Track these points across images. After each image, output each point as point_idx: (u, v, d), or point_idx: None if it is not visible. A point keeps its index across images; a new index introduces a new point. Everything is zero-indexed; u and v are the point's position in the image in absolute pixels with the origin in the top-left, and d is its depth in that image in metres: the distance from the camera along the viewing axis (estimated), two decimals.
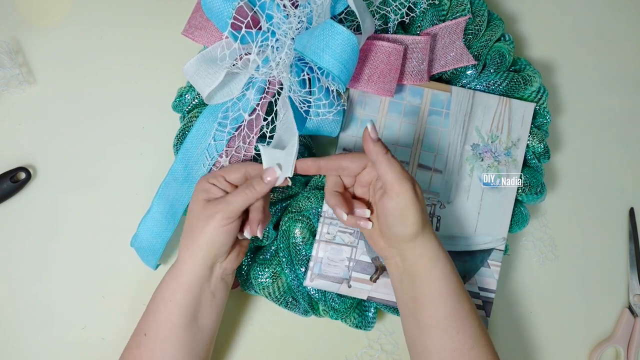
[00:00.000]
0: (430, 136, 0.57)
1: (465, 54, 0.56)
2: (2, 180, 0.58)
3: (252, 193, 0.48)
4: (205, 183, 0.49)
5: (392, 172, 0.45)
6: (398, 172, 0.45)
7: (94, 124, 0.62)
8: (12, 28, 0.63)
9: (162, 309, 0.48)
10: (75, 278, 0.59)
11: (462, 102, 0.57)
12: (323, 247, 0.55)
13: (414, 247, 0.46)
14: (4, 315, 0.58)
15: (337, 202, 0.48)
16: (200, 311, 0.49)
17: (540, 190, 0.58)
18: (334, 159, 0.49)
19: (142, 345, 0.49)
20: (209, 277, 0.49)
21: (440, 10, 0.57)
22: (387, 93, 0.54)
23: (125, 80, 0.63)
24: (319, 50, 0.46)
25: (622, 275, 0.64)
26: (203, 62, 0.50)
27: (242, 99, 0.53)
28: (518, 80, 0.57)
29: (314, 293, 0.55)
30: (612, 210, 0.65)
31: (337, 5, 0.51)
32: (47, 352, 0.58)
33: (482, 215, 0.56)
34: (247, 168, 0.50)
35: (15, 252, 0.59)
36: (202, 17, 0.54)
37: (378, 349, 0.60)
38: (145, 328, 0.49)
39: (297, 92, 0.50)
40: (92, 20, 0.64)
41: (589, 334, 0.63)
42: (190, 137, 0.54)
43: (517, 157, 0.57)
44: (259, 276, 0.55)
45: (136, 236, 0.55)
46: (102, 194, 0.61)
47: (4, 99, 0.62)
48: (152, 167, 0.60)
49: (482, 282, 0.56)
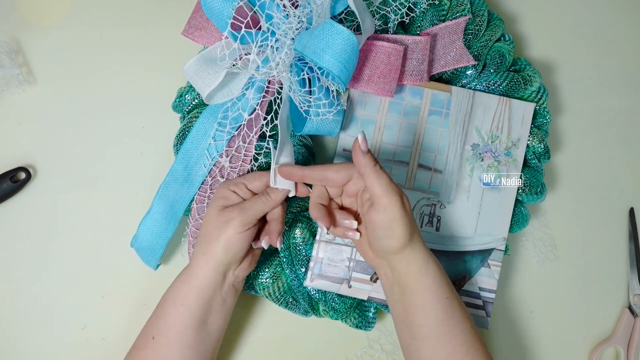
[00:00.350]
0: (430, 136, 0.57)
1: (465, 54, 0.56)
2: (2, 180, 0.58)
3: (268, 201, 0.48)
4: (225, 190, 0.49)
5: (380, 184, 0.44)
6: (386, 185, 0.44)
7: (94, 124, 0.62)
8: (12, 28, 0.63)
9: (172, 313, 0.48)
10: (75, 278, 0.59)
11: (462, 102, 0.57)
12: (323, 248, 0.55)
13: (402, 258, 0.46)
14: (4, 315, 0.58)
15: (319, 215, 0.48)
16: (210, 316, 0.49)
17: (540, 190, 0.58)
18: (318, 169, 0.48)
19: (149, 347, 0.49)
20: (221, 283, 0.49)
21: (440, 10, 0.57)
22: (387, 93, 0.54)
23: (125, 80, 0.63)
24: (319, 50, 0.46)
25: (622, 275, 0.64)
26: (203, 62, 0.50)
27: (242, 98, 0.53)
28: (518, 80, 0.57)
29: (314, 293, 0.55)
30: (612, 210, 0.65)
31: (337, 5, 0.51)
32: (47, 352, 0.58)
33: (482, 215, 0.56)
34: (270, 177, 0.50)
35: (15, 252, 0.59)
36: (202, 17, 0.54)
37: (378, 349, 0.60)
38: (154, 331, 0.49)
39: (297, 91, 0.50)
40: (92, 20, 0.64)
41: (589, 334, 0.63)
42: (191, 137, 0.54)
43: (517, 157, 0.57)
44: (259, 276, 0.55)
45: (136, 236, 0.55)
46: (102, 194, 0.61)
47: (4, 99, 0.62)
48: (152, 167, 0.60)
49: (482, 282, 0.56)
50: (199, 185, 0.55)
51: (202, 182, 0.55)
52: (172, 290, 0.50)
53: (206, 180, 0.55)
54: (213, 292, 0.48)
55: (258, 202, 0.48)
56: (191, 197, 0.55)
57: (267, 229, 0.51)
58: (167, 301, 0.49)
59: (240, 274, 0.50)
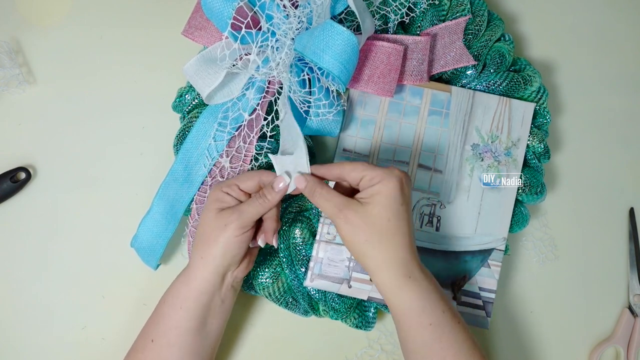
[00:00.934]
0: (430, 136, 0.57)
1: (465, 54, 0.56)
2: (2, 180, 0.58)
3: (264, 202, 0.48)
4: (218, 192, 0.49)
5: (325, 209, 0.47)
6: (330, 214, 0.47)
7: (94, 124, 0.62)
8: (12, 28, 0.63)
9: (172, 315, 0.48)
10: (75, 278, 0.59)
11: (462, 102, 0.57)
12: (323, 247, 0.55)
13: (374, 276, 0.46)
14: (4, 315, 0.58)
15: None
16: (210, 317, 0.49)
17: (540, 190, 0.58)
18: (336, 167, 0.48)
19: (147, 349, 0.49)
20: (220, 285, 0.49)
21: (440, 10, 0.57)
22: (387, 93, 0.54)
23: (125, 80, 0.63)
24: (319, 51, 0.46)
25: (622, 275, 0.64)
26: (203, 62, 0.50)
27: (242, 99, 0.53)
28: (518, 80, 0.57)
29: (314, 293, 0.55)
30: (612, 210, 0.65)
31: (337, 6, 0.51)
32: (47, 352, 0.58)
33: (482, 215, 0.56)
34: (261, 176, 0.49)
35: (15, 252, 0.59)
36: (202, 18, 0.54)
37: (378, 349, 0.60)
38: (153, 334, 0.49)
39: (297, 92, 0.50)
40: (92, 20, 0.64)
41: (589, 334, 0.63)
42: (191, 137, 0.54)
43: (517, 157, 0.57)
44: (259, 276, 0.55)
45: (136, 237, 0.55)
46: (102, 194, 0.61)
47: (4, 99, 0.62)
48: (152, 167, 0.60)
49: (482, 282, 0.56)
50: (199, 185, 0.55)
51: (202, 182, 0.55)
52: (171, 292, 0.50)
53: (206, 180, 0.55)
54: (212, 294, 0.48)
55: (255, 204, 0.48)
56: (191, 197, 0.55)
57: (263, 228, 0.51)
58: (166, 303, 0.49)
59: (239, 275, 0.50)
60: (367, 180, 0.46)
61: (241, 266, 0.50)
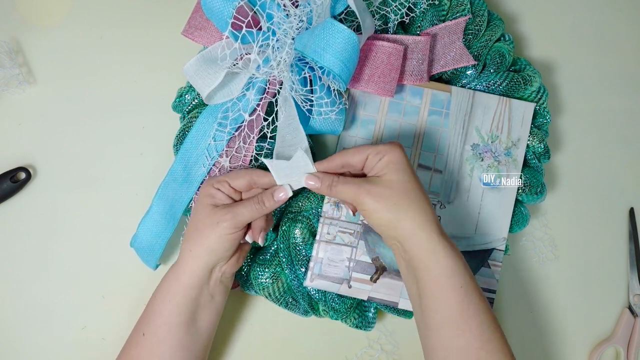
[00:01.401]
0: (430, 136, 0.57)
1: (465, 54, 0.56)
2: (2, 180, 0.58)
3: (260, 209, 0.48)
4: (210, 188, 0.49)
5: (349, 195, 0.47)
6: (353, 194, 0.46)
7: (94, 124, 0.62)
8: (12, 28, 0.63)
9: (161, 310, 0.49)
10: (75, 278, 0.59)
11: (462, 102, 0.57)
12: (323, 248, 0.55)
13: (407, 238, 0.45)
14: (4, 315, 0.58)
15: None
16: (199, 313, 0.49)
17: (540, 190, 0.58)
18: (338, 157, 0.48)
19: (140, 344, 0.49)
20: (207, 279, 0.49)
21: (440, 10, 0.57)
22: (387, 93, 0.54)
23: (125, 80, 0.63)
24: (319, 49, 0.46)
25: (622, 275, 0.64)
26: (203, 62, 0.50)
27: (242, 99, 0.53)
28: (518, 80, 0.57)
29: (314, 293, 0.55)
30: (612, 210, 0.65)
31: (337, 5, 0.51)
32: (47, 352, 0.58)
33: (482, 215, 0.56)
34: (253, 175, 0.49)
35: (15, 252, 0.59)
36: (202, 17, 0.54)
37: (378, 349, 0.60)
38: (144, 328, 0.49)
39: (298, 90, 0.50)
40: (92, 20, 0.64)
41: (589, 334, 0.63)
42: (190, 137, 0.54)
43: (517, 157, 0.57)
44: (259, 276, 0.55)
45: (136, 236, 0.55)
46: (102, 194, 0.61)
47: (4, 99, 0.62)
48: (152, 167, 0.60)
49: (482, 282, 0.56)
50: (198, 185, 0.55)
51: (202, 182, 0.55)
52: (161, 287, 0.50)
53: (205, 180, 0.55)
54: (200, 289, 0.49)
55: (251, 208, 0.48)
56: (190, 197, 0.55)
57: (252, 225, 0.51)
58: (157, 298, 0.50)
59: (229, 270, 0.50)
60: (373, 156, 0.47)
61: (231, 261, 0.50)
